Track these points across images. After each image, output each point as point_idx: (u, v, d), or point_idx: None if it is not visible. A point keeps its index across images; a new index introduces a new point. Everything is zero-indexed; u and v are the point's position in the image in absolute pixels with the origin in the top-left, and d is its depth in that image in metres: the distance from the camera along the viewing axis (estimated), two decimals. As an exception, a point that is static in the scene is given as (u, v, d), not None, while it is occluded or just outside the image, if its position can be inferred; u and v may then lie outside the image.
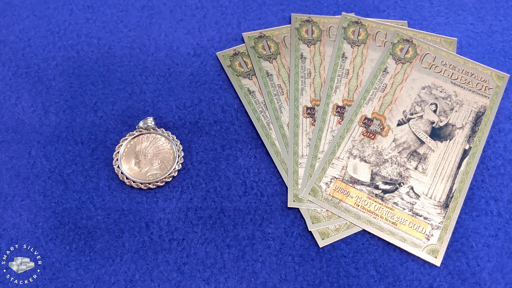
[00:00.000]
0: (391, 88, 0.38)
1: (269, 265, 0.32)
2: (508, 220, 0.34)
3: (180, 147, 0.35)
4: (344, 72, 0.38)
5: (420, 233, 0.33)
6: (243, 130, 0.36)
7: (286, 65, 0.39)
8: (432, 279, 0.32)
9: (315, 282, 0.32)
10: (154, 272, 0.31)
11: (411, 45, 0.40)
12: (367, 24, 0.40)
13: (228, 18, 0.41)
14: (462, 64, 0.39)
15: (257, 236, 0.33)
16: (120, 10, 0.41)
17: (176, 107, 0.37)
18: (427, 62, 0.39)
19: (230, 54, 0.39)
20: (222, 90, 0.38)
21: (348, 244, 0.33)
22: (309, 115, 0.37)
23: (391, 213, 0.34)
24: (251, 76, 0.38)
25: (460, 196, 0.34)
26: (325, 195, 0.34)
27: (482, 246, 0.33)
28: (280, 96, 0.37)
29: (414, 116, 0.37)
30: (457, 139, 0.36)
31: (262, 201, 0.34)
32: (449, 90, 0.38)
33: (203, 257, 0.32)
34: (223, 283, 0.31)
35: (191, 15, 0.41)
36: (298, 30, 0.40)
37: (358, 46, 0.40)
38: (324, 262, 0.32)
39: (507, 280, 0.32)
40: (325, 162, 0.35)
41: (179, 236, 0.32)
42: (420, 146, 0.36)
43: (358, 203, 0.34)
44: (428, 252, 0.32)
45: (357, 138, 0.36)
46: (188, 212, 0.33)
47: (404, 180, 0.35)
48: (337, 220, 0.33)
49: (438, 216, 0.34)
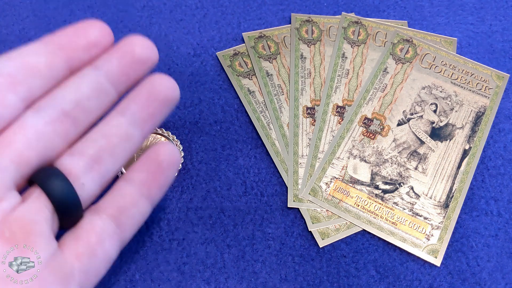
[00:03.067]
0: (391, 88, 0.38)
1: (269, 265, 0.32)
2: (508, 220, 0.34)
3: (180, 147, 0.35)
4: (344, 72, 0.38)
5: (420, 233, 0.33)
6: (243, 130, 0.36)
7: (286, 65, 0.39)
8: (432, 279, 0.32)
9: (315, 282, 0.32)
10: (154, 272, 0.31)
11: (411, 45, 0.40)
12: (367, 24, 0.40)
13: (228, 18, 0.41)
14: (462, 64, 0.39)
15: (257, 236, 0.33)
16: (120, 10, 0.41)
17: (176, 107, 0.37)
18: (427, 62, 0.39)
19: (230, 54, 0.39)
20: (222, 90, 0.38)
21: (348, 244, 0.33)
22: (309, 115, 0.37)
23: (391, 213, 0.34)
24: (251, 76, 0.38)
25: (460, 196, 0.34)
26: (325, 195, 0.34)
27: (482, 246, 0.33)
28: (280, 96, 0.37)
29: (414, 116, 0.37)
30: (457, 139, 0.36)
31: (262, 201, 0.34)
32: (449, 90, 0.38)
33: (203, 257, 0.32)
34: (223, 283, 0.31)
35: (191, 15, 0.41)
36: (298, 30, 0.40)
37: (358, 46, 0.40)
38: (324, 262, 0.32)
39: (507, 280, 0.32)
40: (325, 162, 0.35)
41: (179, 236, 0.32)
42: (420, 146, 0.36)
43: (358, 203, 0.34)
44: (428, 252, 0.32)
45: (357, 138, 0.36)
46: (188, 212, 0.33)
47: (404, 180, 0.35)
48: (337, 220, 0.33)
49: (438, 216, 0.34)
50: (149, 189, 0.26)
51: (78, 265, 0.23)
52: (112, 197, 0.25)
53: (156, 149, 0.26)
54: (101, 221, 0.24)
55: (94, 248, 0.23)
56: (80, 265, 0.23)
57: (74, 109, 0.24)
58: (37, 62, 0.23)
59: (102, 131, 0.25)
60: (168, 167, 0.26)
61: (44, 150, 0.23)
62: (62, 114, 0.23)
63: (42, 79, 0.23)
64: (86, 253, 0.23)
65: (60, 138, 0.23)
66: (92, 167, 0.24)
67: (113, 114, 0.25)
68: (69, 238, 0.24)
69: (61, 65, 0.24)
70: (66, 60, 0.24)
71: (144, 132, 0.26)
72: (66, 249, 0.23)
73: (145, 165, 0.26)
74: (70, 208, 0.23)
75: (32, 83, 0.23)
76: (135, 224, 0.26)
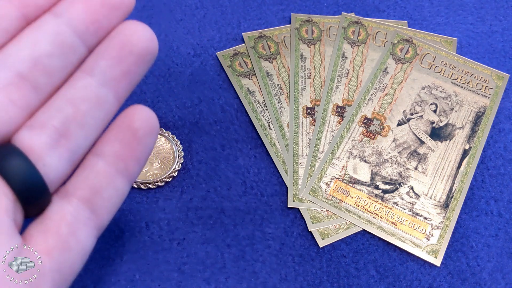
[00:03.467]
0: (391, 88, 0.38)
1: (269, 265, 0.32)
2: (508, 220, 0.34)
3: (180, 147, 0.35)
4: (344, 72, 0.38)
5: (420, 233, 0.33)
6: (243, 130, 0.36)
7: (286, 65, 0.39)
8: (432, 279, 0.32)
9: (315, 282, 0.32)
10: (154, 272, 0.31)
11: (411, 45, 0.40)
12: (367, 24, 0.40)
13: (228, 18, 0.41)
14: (462, 64, 0.39)
15: (257, 236, 0.33)
16: (120, 10, 0.41)
17: (176, 107, 0.37)
18: (427, 62, 0.39)
19: (230, 54, 0.39)
20: (222, 90, 0.38)
21: (348, 244, 0.33)
22: (309, 115, 0.37)
23: (391, 213, 0.34)
24: (251, 76, 0.38)
25: (460, 196, 0.34)
26: (325, 195, 0.34)
27: (482, 246, 0.33)
28: (280, 96, 0.37)
29: (414, 116, 0.37)
30: (457, 139, 0.36)
31: (262, 201, 0.34)
32: (449, 90, 0.38)
33: (203, 257, 0.32)
34: (223, 283, 0.31)
35: (191, 15, 0.41)
36: (298, 30, 0.40)
37: (358, 46, 0.40)
38: (324, 262, 0.32)
39: (507, 280, 0.32)
40: (325, 162, 0.35)
41: (180, 236, 0.32)
42: (420, 146, 0.36)
43: (358, 203, 0.34)
44: (428, 252, 0.32)
45: (357, 138, 0.36)
46: (188, 212, 0.33)
47: (404, 180, 0.35)
48: (337, 220, 0.33)
49: (438, 216, 0.34)
50: (125, 164, 0.21)
51: (48, 262, 0.19)
52: (82, 177, 0.21)
53: (128, 114, 0.21)
54: (72, 206, 0.20)
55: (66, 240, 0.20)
56: (51, 262, 0.19)
57: (32, 70, 0.19)
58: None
59: (67, 96, 0.20)
60: (145, 136, 0.21)
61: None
62: (17, 77, 0.19)
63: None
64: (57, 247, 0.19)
65: (17, 108, 0.19)
66: (58, 142, 0.20)
67: (79, 74, 0.21)
68: (36, 230, 0.20)
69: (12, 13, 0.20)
70: (18, 7, 0.20)
71: (119, 94, 0.21)
72: (33, 244, 0.19)
73: (117, 134, 0.21)
74: (35, 195, 0.19)
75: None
76: (112, 206, 0.22)
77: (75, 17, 0.20)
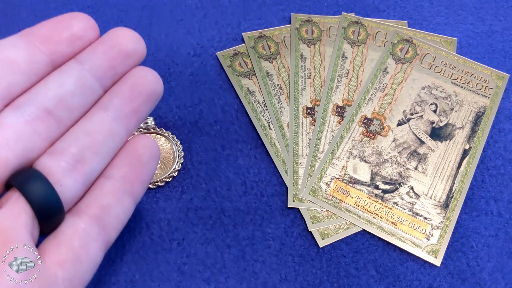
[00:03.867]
0: (391, 88, 0.38)
1: (269, 265, 0.32)
2: (508, 220, 0.34)
3: (180, 147, 0.35)
4: (344, 72, 0.38)
5: (420, 233, 0.33)
6: (243, 130, 0.36)
7: (286, 65, 0.39)
8: (432, 279, 0.32)
9: (315, 282, 0.32)
10: (154, 272, 0.31)
11: (411, 45, 0.40)
12: (367, 24, 0.40)
13: (228, 18, 0.41)
14: (462, 64, 0.39)
15: (257, 236, 0.33)
16: (120, 10, 0.41)
17: (176, 107, 0.37)
18: (427, 62, 0.39)
19: (230, 54, 0.39)
20: (222, 90, 0.38)
21: (348, 244, 0.33)
22: (309, 115, 0.37)
23: (391, 213, 0.34)
24: (251, 76, 0.38)
25: (460, 196, 0.34)
26: (325, 195, 0.34)
27: (482, 246, 0.33)
28: (280, 96, 0.37)
29: (414, 116, 0.37)
30: (457, 139, 0.36)
31: (262, 201, 0.34)
32: (449, 90, 0.38)
33: (203, 257, 0.32)
34: (223, 283, 0.31)
35: (191, 15, 0.41)
36: (298, 30, 0.40)
37: (358, 46, 0.40)
38: (324, 262, 0.32)
39: (507, 280, 0.32)
40: (325, 162, 0.35)
41: (179, 236, 0.32)
42: (420, 146, 0.36)
43: (358, 203, 0.34)
44: (428, 252, 0.32)
45: (357, 138, 0.36)
46: (188, 212, 0.33)
47: (404, 180, 0.35)
48: (337, 220, 0.33)
49: (438, 216, 0.34)
50: (131, 185, 0.24)
51: (61, 273, 0.21)
52: (93, 197, 0.23)
53: (134, 143, 0.25)
54: (83, 223, 0.23)
55: (77, 253, 0.22)
56: (64, 273, 0.21)
57: (56, 106, 0.22)
58: (16, 57, 0.22)
59: (85, 128, 0.23)
60: (149, 161, 0.25)
61: (24, 151, 0.21)
62: (43, 112, 0.22)
63: (22, 74, 0.22)
64: (70, 259, 0.22)
65: (41, 138, 0.22)
66: (74, 167, 0.22)
67: (95, 109, 0.24)
68: (50, 244, 0.22)
69: (42, 59, 0.23)
70: (47, 54, 0.23)
71: (129, 128, 0.24)
72: (48, 256, 0.21)
73: (124, 160, 0.24)
74: (52, 213, 0.21)
75: (11, 79, 0.22)
76: (120, 223, 0.24)
77: (95, 64, 0.23)
